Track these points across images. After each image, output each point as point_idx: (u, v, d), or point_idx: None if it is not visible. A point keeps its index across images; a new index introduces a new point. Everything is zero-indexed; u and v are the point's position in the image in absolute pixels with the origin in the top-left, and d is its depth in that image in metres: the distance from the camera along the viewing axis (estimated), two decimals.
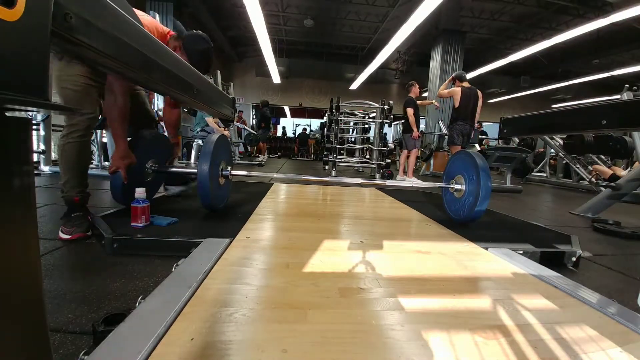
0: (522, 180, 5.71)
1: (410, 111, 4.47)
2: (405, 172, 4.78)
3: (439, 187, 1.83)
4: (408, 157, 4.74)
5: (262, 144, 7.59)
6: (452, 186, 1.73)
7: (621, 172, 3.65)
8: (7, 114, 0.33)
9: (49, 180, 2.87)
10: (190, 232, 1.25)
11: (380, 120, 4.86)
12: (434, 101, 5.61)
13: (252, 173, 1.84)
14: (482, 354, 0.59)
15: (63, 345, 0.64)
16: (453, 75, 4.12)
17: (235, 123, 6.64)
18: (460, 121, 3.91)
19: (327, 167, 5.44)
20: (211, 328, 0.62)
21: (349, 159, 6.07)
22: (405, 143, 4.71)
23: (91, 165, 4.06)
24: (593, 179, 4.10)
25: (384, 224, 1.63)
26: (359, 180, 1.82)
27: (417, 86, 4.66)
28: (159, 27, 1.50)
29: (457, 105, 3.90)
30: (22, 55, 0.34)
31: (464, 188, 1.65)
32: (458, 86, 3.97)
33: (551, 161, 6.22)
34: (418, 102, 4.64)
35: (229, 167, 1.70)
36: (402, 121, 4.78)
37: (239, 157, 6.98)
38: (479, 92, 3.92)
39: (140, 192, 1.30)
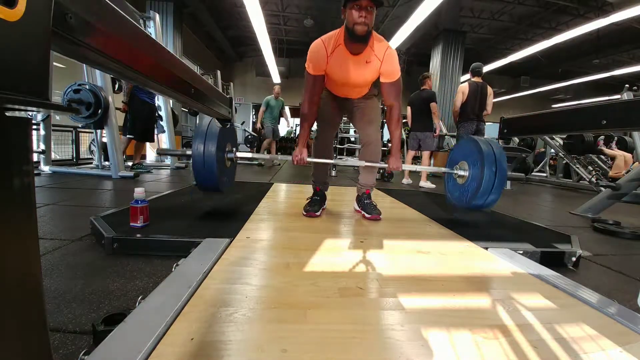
0: (522, 180, 5.71)
1: (435, 105, 4.02)
2: (409, 176, 4.43)
3: (444, 171, 1.80)
4: (418, 157, 4.34)
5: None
6: (456, 172, 1.71)
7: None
8: (7, 114, 0.33)
9: (49, 180, 2.87)
10: (190, 232, 1.25)
11: (381, 120, 4.84)
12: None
13: (256, 155, 1.84)
14: (482, 353, 0.59)
15: (63, 345, 0.64)
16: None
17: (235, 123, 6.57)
18: (465, 123, 3.73)
19: None
20: (211, 328, 0.62)
21: (349, 158, 6.06)
22: (428, 143, 4.12)
23: (91, 165, 4.08)
24: (593, 179, 4.10)
25: (384, 224, 1.63)
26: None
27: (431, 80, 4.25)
28: None
29: (464, 100, 3.70)
30: (22, 55, 0.34)
31: (467, 174, 1.62)
32: (468, 80, 3.74)
33: (551, 161, 6.23)
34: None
35: (234, 149, 1.68)
36: (408, 119, 4.33)
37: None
38: (489, 88, 3.70)
39: (139, 192, 1.30)
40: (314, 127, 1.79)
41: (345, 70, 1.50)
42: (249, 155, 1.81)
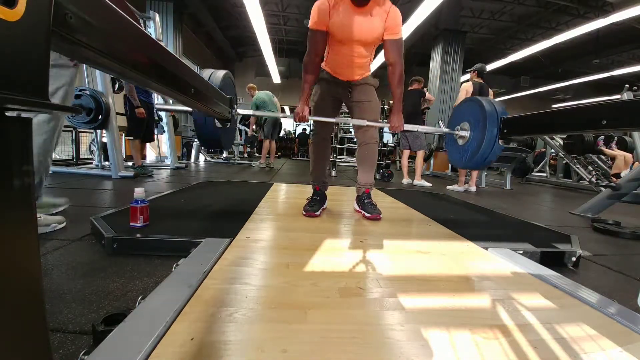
0: (522, 180, 5.71)
1: (427, 94, 4.23)
2: (409, 175, 4.45)
3: (445, 132, 1.86)
4: (411, 157, 4.48)
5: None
6: (456, 132, 1.78)
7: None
8: (7, 113, 0.33)
9: (49, 180, 2.86)
10: (190, 232, 1.25)
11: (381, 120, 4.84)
12: None
13: (257, 113, 1.87)
14: (482, 353, 0.59)
15: (63, 345, 0.64)
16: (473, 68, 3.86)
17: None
18: None
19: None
20: (211, 328, 0.62)
21: (349, 158, 6.07)
22: (417, 143, 4.30)
23: (91, 165, 4.07)
24: (593, 179, 4.10)
25: (384, 223, 1.63)
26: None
27: (422, 83, 4.32)
28: None
29: None
30: (22, 55, 0.34)
31: (468, 135, 1.69)
32: (471, 80, 3.75)
33: (551, 161, 6.23)
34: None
35: (235, 106, 1.66)
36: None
37: (239, 157, 7.00)
38: (490, 90, 3.72)
39: (139, 192, 1.30)
40: (312, 126, 1.79)
41: (349, 24, 1.47)
42: (250, 112, 1.85)
